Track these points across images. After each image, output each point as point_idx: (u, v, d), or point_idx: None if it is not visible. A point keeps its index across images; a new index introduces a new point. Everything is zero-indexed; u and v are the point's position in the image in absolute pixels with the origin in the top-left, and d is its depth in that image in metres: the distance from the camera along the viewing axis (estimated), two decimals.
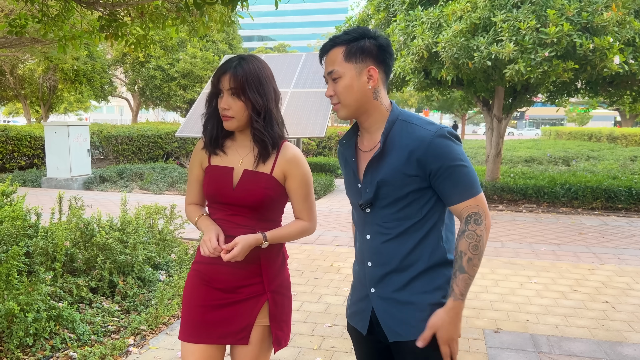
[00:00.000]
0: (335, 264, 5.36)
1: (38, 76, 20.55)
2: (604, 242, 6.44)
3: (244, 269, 1.81)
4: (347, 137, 1.72)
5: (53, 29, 4.16)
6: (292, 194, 1.87)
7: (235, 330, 1.82)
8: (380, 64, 1.59)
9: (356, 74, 1.57)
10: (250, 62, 1.77)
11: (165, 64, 22.04)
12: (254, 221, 1.81)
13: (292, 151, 1.85)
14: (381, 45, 1.58)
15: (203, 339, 1.82)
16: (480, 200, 1.53)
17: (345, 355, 3.26)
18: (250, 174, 1.81)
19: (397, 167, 1.54)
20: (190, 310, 1.85)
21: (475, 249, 1.50)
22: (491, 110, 9.10)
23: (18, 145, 13.43)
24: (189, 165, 1.95)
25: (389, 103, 1.63)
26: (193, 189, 1.95)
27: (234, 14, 4.45)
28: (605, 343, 3.49)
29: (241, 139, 1.86)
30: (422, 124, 1.56)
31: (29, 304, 3.18)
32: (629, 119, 32.06)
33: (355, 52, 1.56)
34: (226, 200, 1.81)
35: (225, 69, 1.76)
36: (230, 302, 1.82)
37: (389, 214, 1.58)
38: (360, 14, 8.97)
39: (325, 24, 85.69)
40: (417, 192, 1.55)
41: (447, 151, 1.51)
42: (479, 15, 6.62)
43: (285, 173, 1.84)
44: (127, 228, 4.60)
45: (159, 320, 3.65)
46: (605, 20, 6.12)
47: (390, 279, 1.59)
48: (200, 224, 1.86)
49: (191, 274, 1.91)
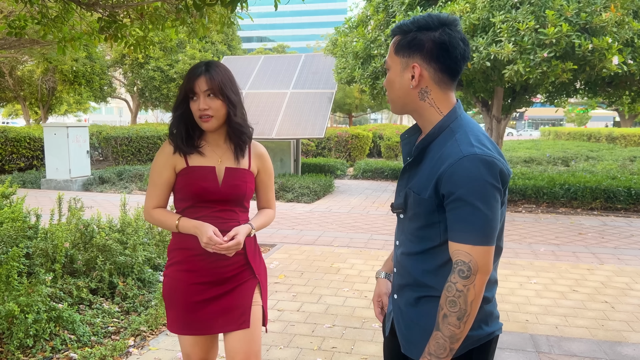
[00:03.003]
0: (335, 264, 5.37)
1: (37, 77, 20.54)
2: (604, 242, 6.45)
3: (231, 260, 1.94)
4: (410, 133, 1.54)
5: (52, 30, 4.16)
6: (262, 186, 2.09)
7: (236, 315, 1.95)
8: (432, 62, 1.37)
9: (400, 70, 1.41)
10: (218, 65, 1.91)
11: (165, 65, 22.04)
12: (237, 214, 1.98)
13: (260, 148, 2.08)
14: (439, 41, 1.35)
15: (204, 331, 1.95)
16: (477, 253, 1.28)
17: (346, 355, 3.26)
18: (233, 170, 1.95)
19: (424, 180, 1.37)
20: (184, 309, 1.94)
21: (452, 305, 1.29)
22: (490, 110, 9.11)
23: (17, 147, 13.42)
24: (153, 169, 1.97)
25: (447, 106, 1.41)
26: (159, 192, 1.97)
27: (233, 15, 4.45)
28: (605, 343, 3.49)
29: (214, 138, 1.97)
30: (462, 140, 1.33)
31: (29, 305, 3.18)
32: (627, 119, 32.09)
33: (405, 45, 1.40)
34: (214, 198, 1.92)
35: (197, 74, 1.86)
36: (223, 293, 1.95)
37: (413, 228, 1.44)
38: (359, 14, 8.98)
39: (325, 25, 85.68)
40: (436, 215, 1.36)
41: (466, 179, 1.27)
42: (478, 16, 6.63)
43: (258, 167, 2.05)
44: (127, 229, 4.60)
45: (159, 321, 3.65)
46: (604, 20, 6.13)
47: (406, 292, 1.49)
48: (185, 225, 1.91)
49: (173, 275, 1.97)
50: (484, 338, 1.42)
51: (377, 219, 7.99)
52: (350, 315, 3.97)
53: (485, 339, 1.43)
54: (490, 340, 1.45)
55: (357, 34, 8.54)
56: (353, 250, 5.98)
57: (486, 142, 1.34)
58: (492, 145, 1.35)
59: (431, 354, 1.33)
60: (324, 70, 11.92)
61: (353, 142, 16.47)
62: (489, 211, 1.28)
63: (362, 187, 11.68)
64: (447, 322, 1.30)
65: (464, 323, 1.29)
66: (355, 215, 8.29)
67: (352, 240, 6.48)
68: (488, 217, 1.28)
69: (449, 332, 1.30)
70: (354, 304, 4.20)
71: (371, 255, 5.76)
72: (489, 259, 1.31)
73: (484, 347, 1.43)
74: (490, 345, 1.46)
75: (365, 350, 3.34)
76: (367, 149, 17.23)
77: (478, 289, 1.29)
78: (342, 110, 30.70)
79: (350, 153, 16.56)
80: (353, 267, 5.26)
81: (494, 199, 1.29)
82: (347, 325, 3.77)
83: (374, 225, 7.45)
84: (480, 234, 1.28)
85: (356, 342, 3.47)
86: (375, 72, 8.19)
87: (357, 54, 8.43)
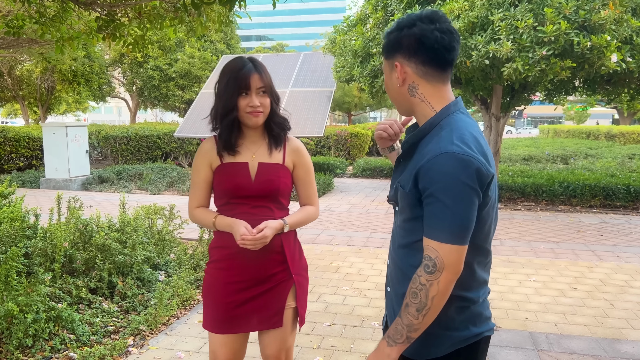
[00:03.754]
0: (334, 263, 5.37)
1: (36, 77, 20.52)
2: (603, 240, 6.45)
3: (270, 258, 1.93)
4: (414, 127, 1.53)
5: (50, 29, 4.15)
6: (299, 182, 2.05)
7: (268, 315, 1.97)
8: (412, 57, 1.38)
9: (389, 72, 1.45)
10: (260, 62, 1.92)
11: (164, 64, 22.02)
12: (273, 210, 1.95)
13: (296, 142, 2.05)
14: (413, 36, 1.36)
15: (236, 329, 1.95)
16: (444, 251, 1.27)
17: (345, 354, 3.26)
18: (266, 165, 1.94)
19: (407, 175, 1.39)
20: (219, 308, 1.96)
21: (414, 296, 1.31)
22: (489, 108, 9.10)
23: (16, 146, 13.41)
24: (193, 169, 2.00)
25: (439, 102, 1.41)
26: (200, 191, 2.00)
27: (231, 13, 4.45)
28: (604, 340, 3.49)
29: (251, 135, 1.98)
30: (445, 137, 1.32)
31: (28, 305, 3.18)
32: (627, 117, 32.10)
33: (387, 47, 1.43)
34: (247, 193, 1.91)
35: (249, 70, 1.87)
36: (262, 292, 1.95)
37: (401, 221, 1.46)
38: (358, 13, 8.96)
39: (323, 23, 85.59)
40: (418, 208, 1.36)
41: (439, 176, 1.27)
42: (477, 14, 6.62)
43: (294, 162, 2.02)
44: (126, 228, 4.59)
45: (158, 320, 3.66)
46: (603, 18, 6.12)
47: (395, 285, 1.50)
48: (221, 223, 1.92)
49: (212, 273, 1.99)
50: (472, 338, 1.42)
51: (376, 217, 7.99)
52: (350, 313, 3.97)
53: (473, 339, 1.43)
54: (479, 341, 1.44)
55: (355, 32, 8.53)
56: (352, 248, 5.99)
57: (469, 141, 1.31)
58: (476, 145, 1.32)
59: (389, 337, 1.36)
60: (322, 69, 11.91)
61: (352, 141, 16.47)
62: (460, 210, 1.26)
63: (362, 186, 11.68)
64: (407, 311, 1.32)
65: (423, 316, 1.30)
66: (355, 213, 8.29)
67: (351, 239, 6.48)
68: (458, 215, 1.26)
69: (407, 321, 1.32)
70: (353, 303, 4.20)
71: (370, 253, 5.76)
72: (458, 258, 1.29)
73: (473, 347, 1.44)
74: (480, 346, 1.45)
75: (364, 349, 3.34)
76: (366, 148, 17.22)
77: (442, 286, 1.29)
78: (341, 108, 30.68)
79: (349, 151, 16.56)
80: (352, 266, 5.26)
81: (467, 198, 1.27)
82: (347, 323, 3.77)
83: (374, 224, 7.45)
84: (448, 232, 1.27)
85: (355, 340, 3.48)
86: (374, 70, 8.18)
87: (356, 53, 8.42)
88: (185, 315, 3.91)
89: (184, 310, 4.01)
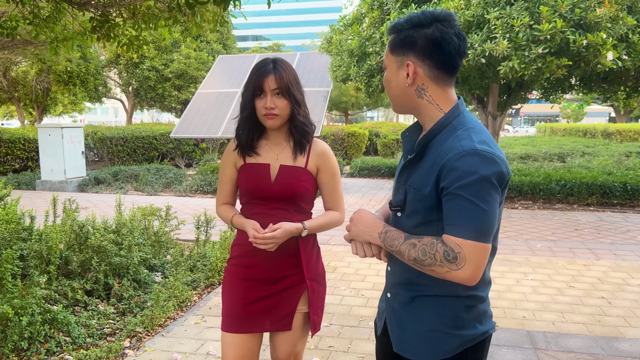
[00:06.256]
0: (332, 263, 5.36)
1: (31, 78, 20.43)
2: (600, 238, 6.46)
3: (284, 260, 1.94)
4: (411, 130, 1.52)
5: (44, 30, 4.13)
6: (323, 186, 2.02)
7: (279, 317, 1.97)
8: (426, 59, 1.36)
9: (396, 69, 1.41)
10: (284, 63, 1.90)
11: (160, 65, 21.95)
12: (291, 213, 1.94)
13: (322, 145, 2.01)
14: (432, 38, 1.34)
15: (247, 329, 1.95)
16: (468, 248, 1.25)
17: (342, 354, 3.25)
18: (287, 168, 1.93)
19: (424, 176, 1.36)
20: (233, 304, 1.97)
21: (422, 253, 1.31)
22: (486, 107, 9.11)
23: (12, 148, 13.34)
24: (221, 166, 2.05)
25: (447, 103, 1.40)
26: (225, 189, 2.05)
27: (226, 13, 4.43)
28: (602, 339, 3.49)
29: (275, 136, 1.97)
30: (464, 136, 1.31)
31: (24, 307, 3.16)
32: (623, 115, 32.19)
33: (398, 44, 1.39)
34: (266, 195, 1.92)
35: (265, 71, 1.86)
36: (273, 293, 1.95)
37: (410, 226, 1.41)
38: (354, 12, 8.95)
39: (319, 23, 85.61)
40: (434, 212, 1.35)
41: (464, 174, 1.25)
42: (473, 13, 6.61)
43: (318, 166, 1.99)
44: (122, 230, 4.57)
45: (154, 322, 3.64)
46: (598, 16, 6.13)
47: (400, 291, 1.49)
48: (237, 222, 1.97)
49: (230, 269, 2.02)
50: (478, 337, 1.43)
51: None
52: (347, 314, 3.96)
53: (479, 338, 1.43)
54: (484, 339, 1.45)
55: (352, 31, 8.52)
56: (350, 248, 5.98)
57: (489, 140, 1.33)
58: (495, 146, 1.33)
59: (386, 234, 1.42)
60: (319, 69, 11.90)
61: (349, 140, 16.47)
62: (485, 207, 1.25)
63: (359, 185, 11.67)
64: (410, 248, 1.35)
65: (414, 262, 1.34)
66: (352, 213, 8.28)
67: None
68: (484, 212, 1.25)
69: (392, 246, 1.40)
70: (350, 303, 4.19)
71: None
72: (482, 256, 1.27)
73: (478, 346, 1.44)
74: (484, 344, 1.46)
75: (362, 349, 3.33)
76: (363, 147, 17.22)
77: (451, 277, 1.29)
78: (338, 108, 30.67)
79: (346, 151, 16.56)
80: (350, 266, 5.25)
81: (490, 197, 1.26)
82: (344, 324, 3.76)
83: None
84: (473, 229, 1.25)
85: (353, 340, 3.46)
86: (371, 69, 8.17)
87: (352, 52, 8.40)
88: (181, 316, 3.90)
89: (181, 311, 3.99)
